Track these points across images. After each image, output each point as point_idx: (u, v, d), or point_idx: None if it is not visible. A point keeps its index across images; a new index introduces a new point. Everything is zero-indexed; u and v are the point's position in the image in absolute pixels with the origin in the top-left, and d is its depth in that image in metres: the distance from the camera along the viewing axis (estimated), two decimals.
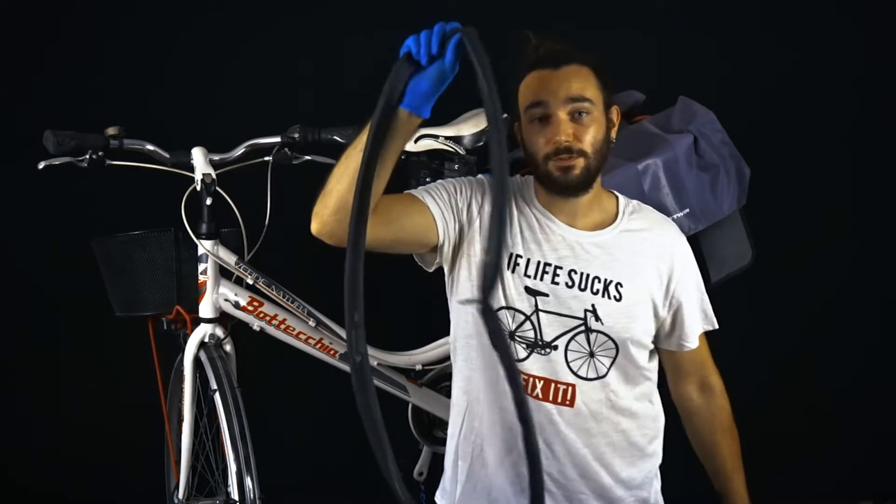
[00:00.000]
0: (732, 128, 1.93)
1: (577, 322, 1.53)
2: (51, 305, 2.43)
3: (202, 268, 1.94)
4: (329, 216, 1.38)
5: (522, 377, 1.53)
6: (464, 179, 1.60)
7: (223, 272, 1.96)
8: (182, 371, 1.97)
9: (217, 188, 1.91)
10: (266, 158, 2.00)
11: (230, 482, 1.84)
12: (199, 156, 1.93)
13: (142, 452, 2.32)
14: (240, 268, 1.95)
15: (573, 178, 1.49)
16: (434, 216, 1.51)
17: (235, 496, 1.82)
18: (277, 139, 1.99)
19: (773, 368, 2.55)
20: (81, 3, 2.34)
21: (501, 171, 1.12)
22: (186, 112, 2.30)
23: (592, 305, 1.53)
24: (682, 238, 1.64)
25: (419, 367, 2.13)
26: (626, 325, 1.54)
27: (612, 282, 1.54)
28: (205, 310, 1.95)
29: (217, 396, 1.88)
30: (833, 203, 2.54)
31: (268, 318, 1.96)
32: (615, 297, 1.54)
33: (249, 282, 1.95)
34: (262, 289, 1.97)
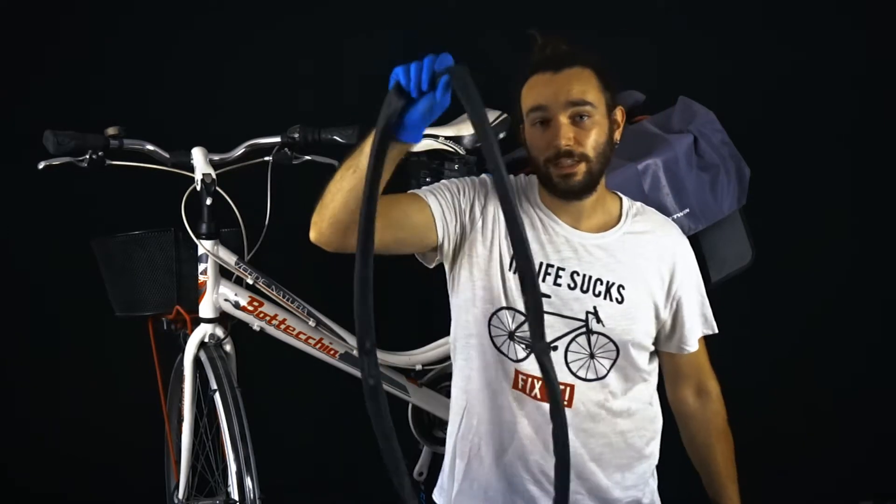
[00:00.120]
0: (732, 128, 1.93)
1: (579, 324, 1.53)
2: (51, 305, 2.42)
3: (202, 268, 1.94)
4: (325, 228, 1.40)
5: (521, 377, 1.53)
6: (466, 180, 1.60)
7: (223, 272, 1.96)
8: (182, 371, 1.97)
9: (217, 188, 1.91)
10: (266, 158, 2.00)
11: (230, 482, 1.84)
12: (199, 156, 1.93)
13: (142, 452, 2.32)
14: (240, 268, 1.95)
15: (575, 184, 1.49)
16: (434, 215, 1.51)
17: (235, 496, 1.82)
18: (277, 139, 1.99)
19: (773, 368, 2.55)
20: (81, 3, 2.34)
21: (511, 205, 0.97)
22: (186, 112, 2.30)
23: (594, 307, 1.53)
24: (685, 241, 1.64)
25: (419, 367, 2.13)
26: (627, 328, 1.54)
27: (614, 284, 1.54)
28: (205, 310, 1.95)
29: (217, 396, 1.88)
30: (833, 203, 2.53)
31: (268, 318, 1.96)
32: (617, 300, 1.54)
33: (249, 282, 1.95)
34: (262, 289, 1.97)
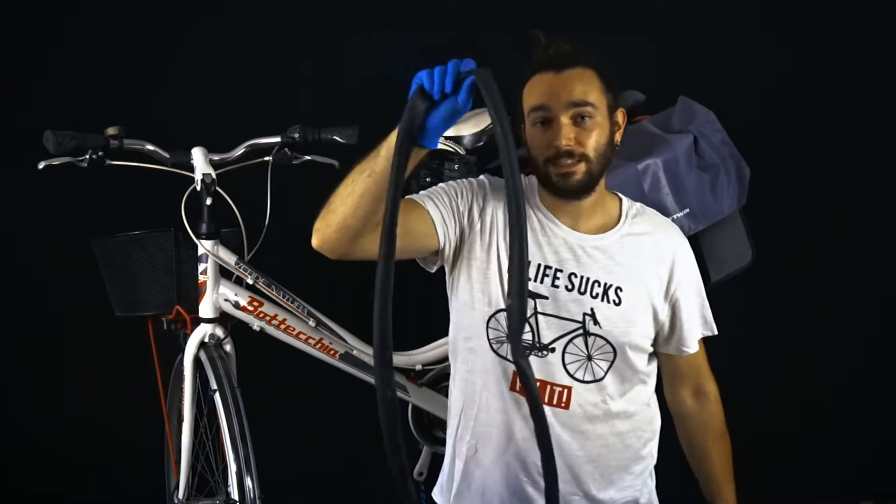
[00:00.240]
0: (732, 128, 1.93)
1: (576, 325, 1.53)
2: (51, 305, 2.42)
3: (202, 268, 1.94)
4: (331, 234, 1.38)
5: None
6: (465, 182, 1.60)
7: (223, 272, 1.96)
8: (182, 371, 1.97)
9: (217, 188, 1.91)
10: (266, 158, 2.00)
11: (230, 482, 1.84)
12: (199, 156, 1.93)
13: (142, 452, 2.32)
14: (240, 268, 1.95)
15: (574, 184, 1.49)
16: (434, 221, 1.51)
17: (235, 496, 1.82)
18: (277, 139, 1.99)
19: (773, 368, 2.55)
20: (81, 3, 2.34)
21: (519, 217, 1.08)
22: (186, 112, 2.30)
23: (591, 309, 1.53)
24: (685, 242, 1.63)
25: (419, 367, 2.13)
26: (625, 330, 1.54)
27: (612, 286, 1.54)
28: (205, 310, 1.95)
29: (217, 396, 1.88)
30: (833, 203, 2.54)
31: (268, 318, 1.96)
32: (614, 302, 1.53)
33: (249, 282, 1.95)
34: (262, 289, 1.97)
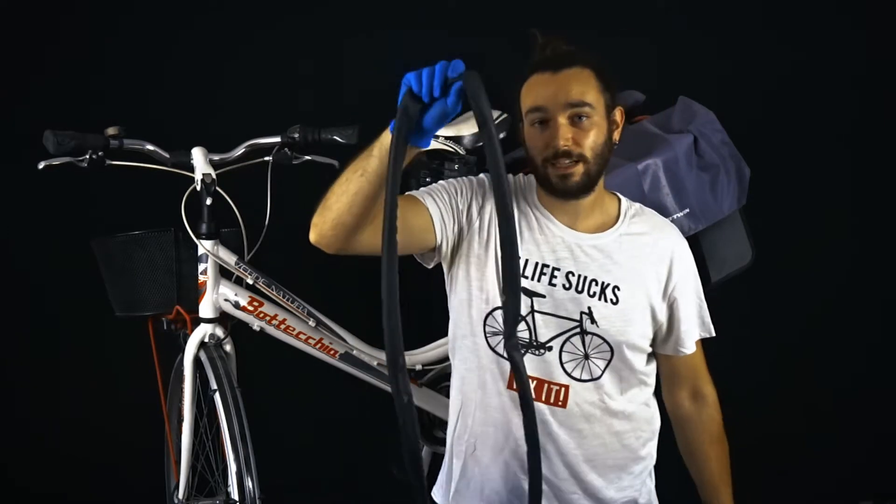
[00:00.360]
0: (732, 128, 1.93)
1: (573, 324, 1.53)
2: (51, 305, 2.42)
3: (202, 268, 1.94)
4: (327, 230, 1.39)
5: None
6: (464, 180, 1.60)
7: (223, 272, 1.96)
8: (182, 371, 1.97)
9: (217, 188, 1.91)
10: (266, 158, 2.00)
11: (230, 482, 1.84)
12: (199, 156, 1.93)
13: (142, 452, 2.32)
14: (240, 268, 1.95)
15: (572, 184, 1.49)
16: (432, 217, 1.51)
17: (235, 496, 1.82)
18: (277, 139, 1.99)
19: (773, 368, 2.55)
20: (81, 3, 2.34)
21: (508, 220, 1.11)
22: (186, 112, 2.30)
23: (588, 308, 1.53)
24: (684, 243, 1.63)
25: (419, 367, 2.13)
26: (622, 329, 1.54)
27: (610, 285, 1.54)
28: (205, 310, 1.95)
29: (217, 396, 1.88)
30: (833, 203, 2.54)
31: (268, 318, 1.96)
32: (612, 301, 1.53)
33: (249, 282, 1.95)
34: (262, 289, 1.97)
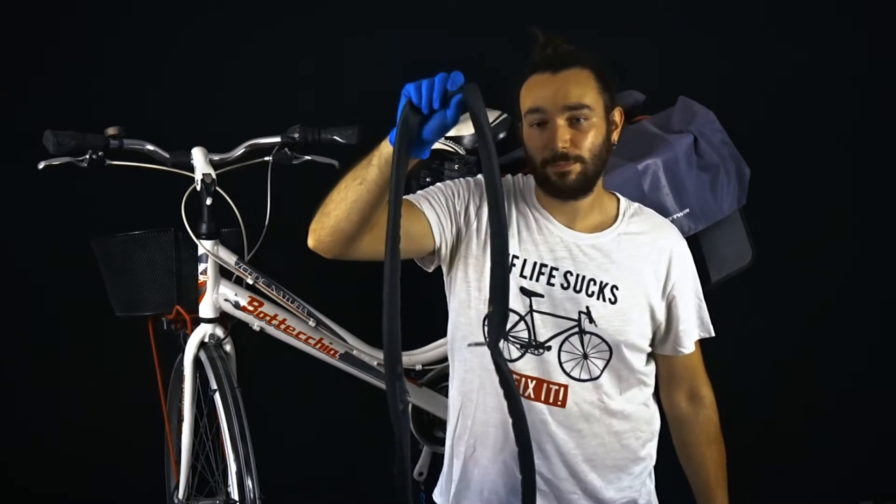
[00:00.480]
0: (732, 128, 1.93)
1: (571, 323, 1.53)
2: (51, 305, 2.42)
3: (202, 268, 1.94)
4: (326, 237, 1.39)
5: (515, 377, 1.52)
6: (462, 181, 1.60)
7: (223, 272, 1.96)
8: (182, 371, 1.97)
9: (217, 188, 1.91)
10: (266, 158, 2.00)
11: (230, 482, 1.84)
12: (199, 156, 1.93)
13: (142, 452, 2.32)
14: (240, 268, 1.95)
15: (570, 183, 1.49)
16: (430, 222, 1.51)
17: (235, 496, 1.82)
18: (277, 139, 1.99)
19: (773, 368, 2.55)
20: (81, 3, 2.34)
21: (501, 229, 1.14)
22: (186, 112, 2.30)
23: (587, 307, 1.53)
24: (683, 243, 1.63)
25: (419, 367, 2.13)
26: (620, 328, 1.54)
27: (608, 284, 1.54)
28: (205, 310, 1.95)
29: (217, 396, 1.88)
30: (833, 203, 2.54)
31: (268, 318, 1.96)
32: (610, 300, 1.53)
33: (249, 282, 1.95)
34: (262, 289, 1.97)
